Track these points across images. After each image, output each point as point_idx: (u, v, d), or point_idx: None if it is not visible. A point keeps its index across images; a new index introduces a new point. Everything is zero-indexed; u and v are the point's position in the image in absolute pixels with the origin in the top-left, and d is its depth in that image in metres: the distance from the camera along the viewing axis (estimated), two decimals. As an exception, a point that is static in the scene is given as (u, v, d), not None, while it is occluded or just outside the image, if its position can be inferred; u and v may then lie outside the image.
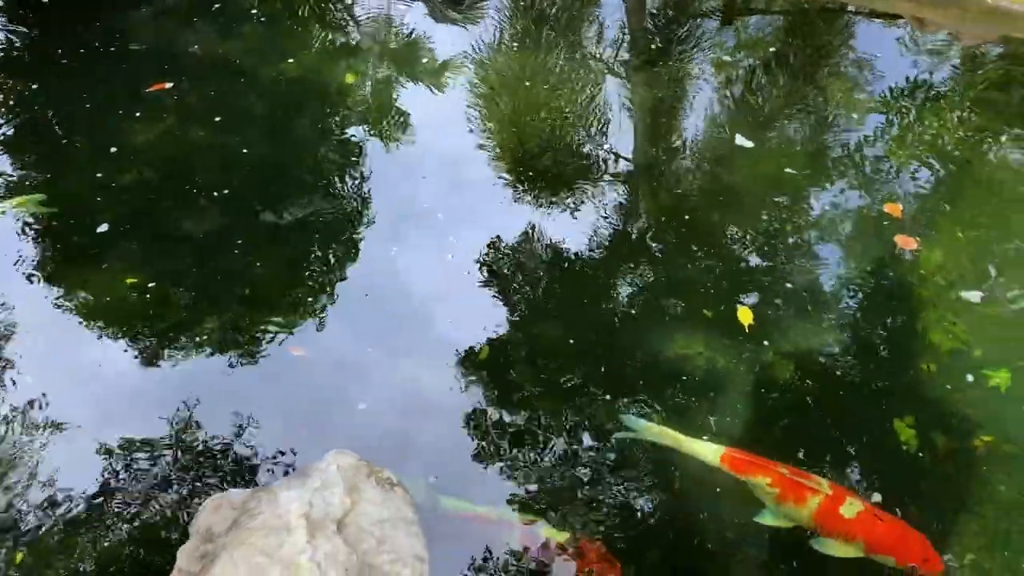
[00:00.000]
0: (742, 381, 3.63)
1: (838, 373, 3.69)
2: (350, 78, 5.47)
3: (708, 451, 3.24)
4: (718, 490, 3.23)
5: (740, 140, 4.92)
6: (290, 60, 5.52)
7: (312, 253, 4.24)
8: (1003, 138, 4.96)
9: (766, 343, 3.76)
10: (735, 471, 3.18)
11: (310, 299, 4.01)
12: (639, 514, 3.19)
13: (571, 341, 3.80)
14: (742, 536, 3.15)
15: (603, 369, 3.70)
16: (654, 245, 4.32)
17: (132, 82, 5.28)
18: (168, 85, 5.19)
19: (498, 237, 4.33)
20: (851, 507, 2.97)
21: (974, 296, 3.96)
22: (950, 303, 3.96)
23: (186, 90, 5.25)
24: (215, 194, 4.48)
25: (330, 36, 5.98)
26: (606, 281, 4.14)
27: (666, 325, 3.88)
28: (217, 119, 5.02)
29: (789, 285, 4.06)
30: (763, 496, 3.11)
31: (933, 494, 3.31)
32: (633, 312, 3.97)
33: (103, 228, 4.27)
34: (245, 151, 4.80)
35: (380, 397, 3.54)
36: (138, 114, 5.02)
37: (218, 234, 4.31)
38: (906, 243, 4.19)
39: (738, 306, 3.91)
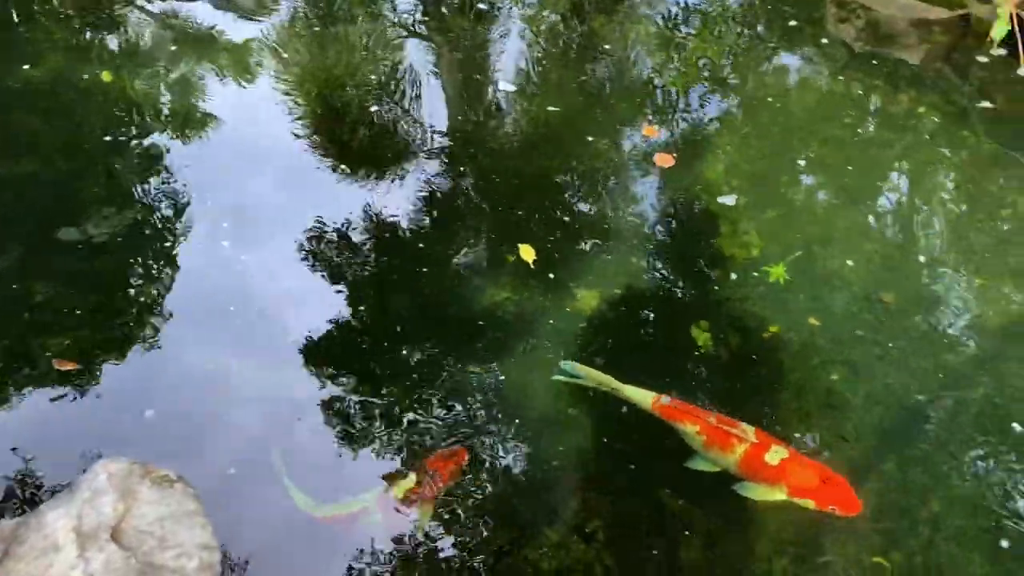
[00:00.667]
0: (545, 314, 3.74)
1: (626, 292, 3.83)
2: (106, 75, 5.02)
3: (641, 397, 3.30)
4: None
5: (503, 85, 5.00)
6: (38, 66, 5.02)
7: (120, 265, 3.93)
8: (756, 58, 5.32)
9: (551, 275, 3.85)
10: (665, 417, 3.25)
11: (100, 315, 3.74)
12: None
13: (388, 311, 3.77)
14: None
15: (418, 332, 3.69)
16: (448, 199, 4.34)
17: None
18: None
19: (319, 220, 4.13)
20: (775, 454, 3.06)
21: (729, 200, 4.24)
22: (718, 210, 4.22)
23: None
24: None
25: (96, 36, 5.53)
26: (415, 247, 4.09)
27: (470, 276, 3.93)
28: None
29: (566, 218, 4.18)
30: (692, 443, 3.19)
31: (732, 388, 3.52)
32: (439, 267, 3.97)
33: None
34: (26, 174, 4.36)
35: (173, 399, 3.36)
36: None
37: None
38: (664, 160, 4.43)
39: (519, 245, 3.97)
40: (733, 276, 3.90)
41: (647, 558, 2.92)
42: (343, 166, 4.46)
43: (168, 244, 3.98)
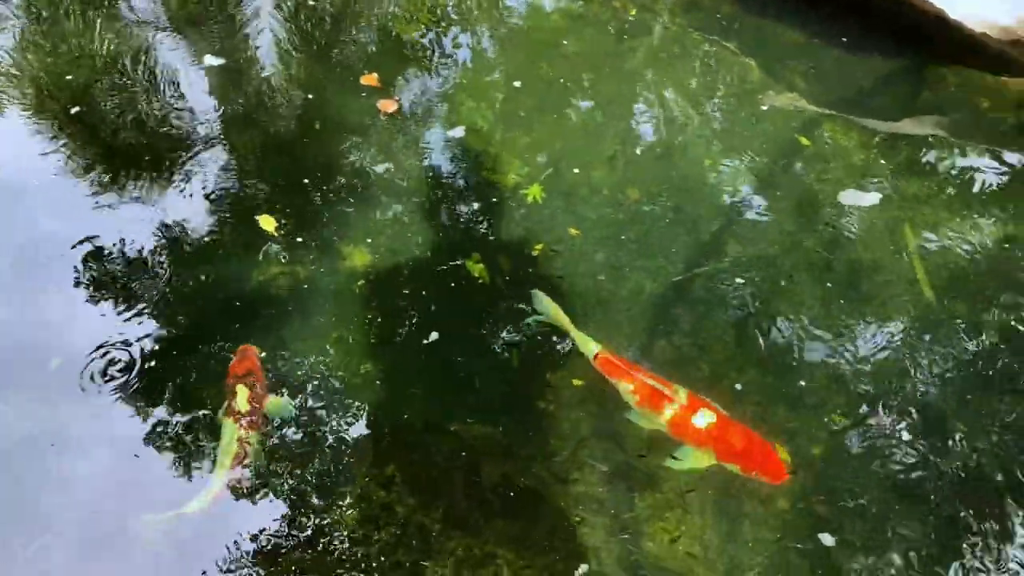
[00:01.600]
0: (318, 280, 3.73)
1: (395, 242, 3.87)
2: None
3: (587, 347, 3.39)
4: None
5: (209, 60, 4.85)
6: None
7: None
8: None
9: (313, 242, 3.83)
10: (604, 372, 3.33)
11: None
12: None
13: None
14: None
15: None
16: (189, 185, 4.16)
17: None
18: None
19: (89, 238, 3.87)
20: (703, 417, 3.15)
21: (458, 132, 4.36)
22: (464, 144, 4.33)
23: None
24: None
25: None
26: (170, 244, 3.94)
27: (229, 260, 3.82)
28: None
29: (312, 181, 4.13)
30: (627, 399, 3.27)
31: (511, 308, 3.64)
32: (200, 254, 3.82)
33: None
34: None
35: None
36: None
37: None
38: (387, 106, 4.48)
39: (258, 216, 3.92)
40: (493, 206, 4.04)
41: (446, 493, 3.02)
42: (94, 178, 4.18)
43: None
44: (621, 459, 3.19)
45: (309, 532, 2.86)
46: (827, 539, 3.00)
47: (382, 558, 2.76)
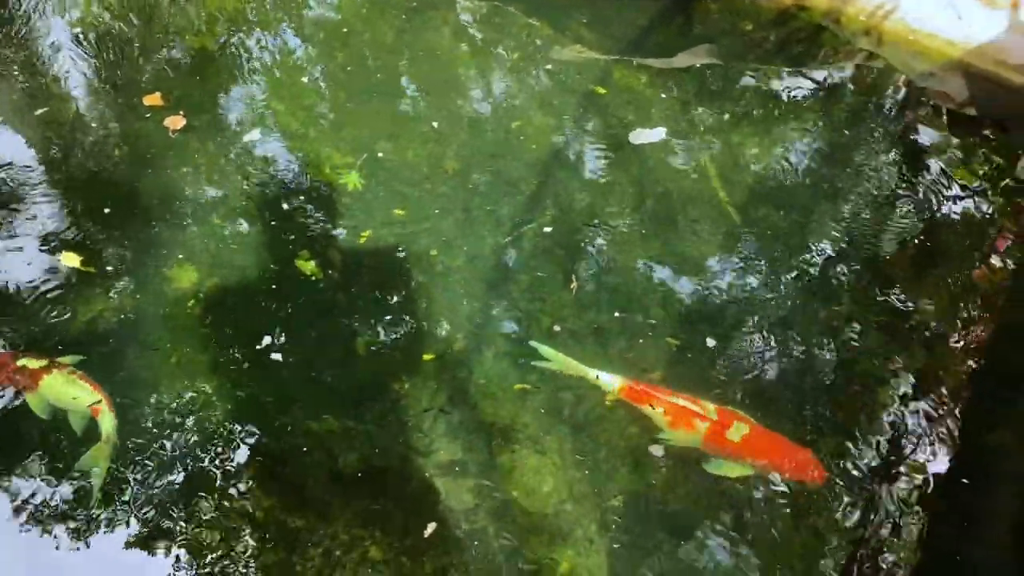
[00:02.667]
0: (146, 308, 3.62)
1: (217, 256, 3.80)
2: None
3: (608, 383, 3.37)
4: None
5: None
6: None
7: None
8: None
9: (132, 274, 3.70)
10: (632, 401, 3.33)
11: None
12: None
13: None
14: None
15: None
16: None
17: None
18: None
19: None
20: (737, 430, 3.19)
21: (254, 135, 4.30)
22: (255, 149, 4.25)
23: None
24: None
25: None
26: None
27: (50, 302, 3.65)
28: None
29: (118, 208, 3.97)
30: (659, 423, 3.27)
31: (349, 299, 3.68)
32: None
33: None
34: None
35: None
36: None
37: None
38: (175, 123, 4.33)
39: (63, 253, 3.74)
40: (313, 201, 4.03)
41: (305, 489, 3.04)
42: None
43: None
44: (479, 421, 3.30)
45: (168, 551, 2.81)
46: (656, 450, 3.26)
47: (250, 564, 2.75)
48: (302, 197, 4.05)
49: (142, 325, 3.54)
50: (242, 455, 3.09)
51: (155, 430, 3.20)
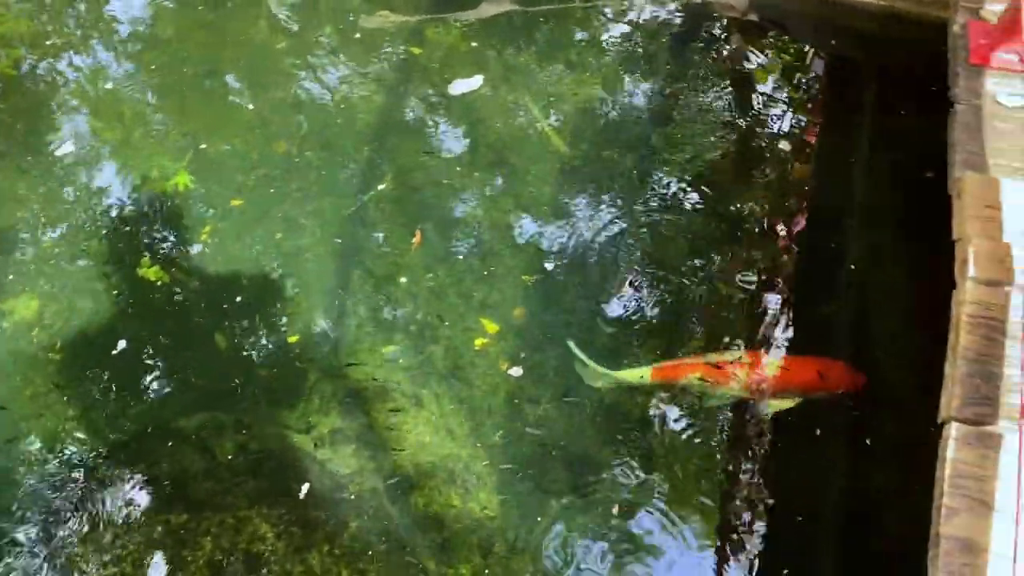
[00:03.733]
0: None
1: (51, 279, 3.67)
2: None
3: (639, 374, 3.34)
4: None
5: None
6: None
7: None
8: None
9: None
10: (669, 379, 3.33)
11: None
12: None
13: None
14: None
15: None
16: None
17: None
18: None
19: None
20: (770, 366, 3.29)
21: (69, 149, 4.11)
22: (75, 164, 4.09)
23: None
24: None
25: None
26: None
27: None
28: None
29: None
30: (702, 389, 3.29)
31: (200, 305, 3.62)
32: None
33: None
34: None
35: None
36: None
37: None
38: None
39: None
40: (145, 205, 3.93)
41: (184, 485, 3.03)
42: None
43: None
44: (351, 389, 3.35)
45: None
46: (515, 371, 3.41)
47: (138, 568, 2.72)
48: (133, 205, 3.93)
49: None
50: (115, 465, 3.03)
51: (21, 462, 3.09)
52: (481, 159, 4.12)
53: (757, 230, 3.97)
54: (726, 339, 3.51)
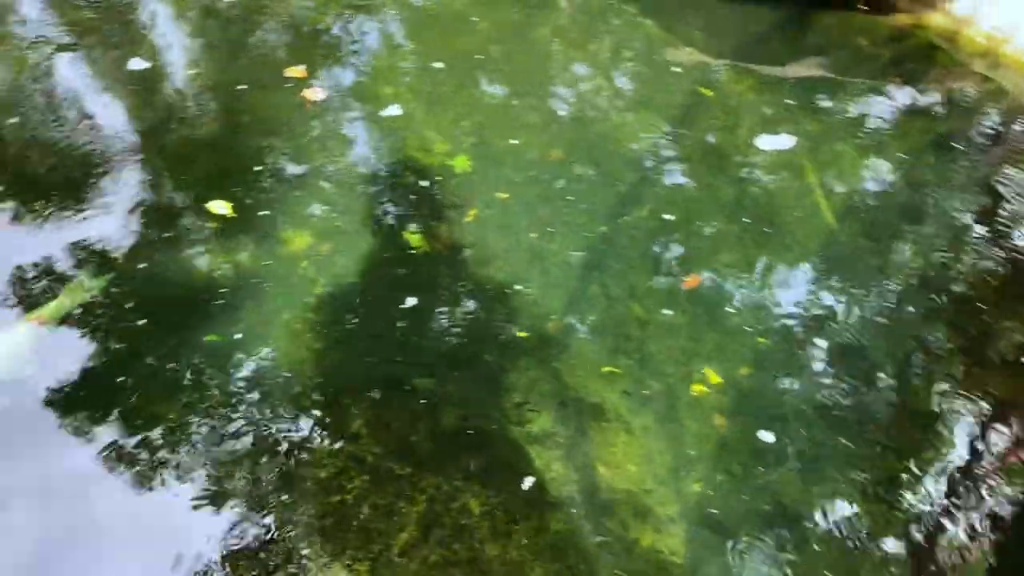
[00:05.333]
0: (262, 265, 3.85)
1: (331, 223, 4.02)
2: None
3: None
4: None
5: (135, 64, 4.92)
6: None
7: None
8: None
9: (252, 229, 3.96)
10: None
11: None
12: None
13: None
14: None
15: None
16: (134, 188, 4.26)
17: None
18: None
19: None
20: None
21: (394, 110, 4.54)
22: (385, 124, 4.50)
23: None
24: None
25: None
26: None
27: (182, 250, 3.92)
28: None
29: (271, 168, 4.27)
30: None
31: (451, 275, 3.86)
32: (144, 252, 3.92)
33: None
34: None
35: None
36: None
37: None
38: (312, 95, 4.63)
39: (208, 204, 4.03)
40: (424, 179, 4.23)
41: (410, 441, 3.23)
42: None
43: None
44: (569, 397, 3.44)
45: (286, 482, 3.03)
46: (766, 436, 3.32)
47: (360, 504, 2.95)
48: (414, 175, 4.25)
49: (256, 281, 3.78)
50: (352, 403, 3.29)
51: (272, 367, 3.43)
52: (744, 210, 4.09)
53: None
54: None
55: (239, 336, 3.55)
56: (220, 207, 4.00)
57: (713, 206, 4.14)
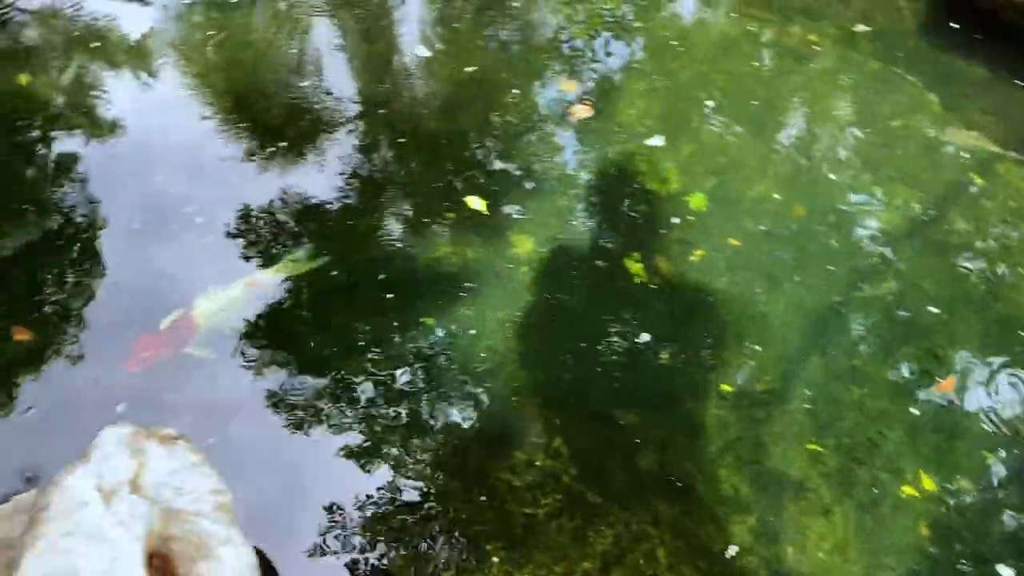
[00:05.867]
0: (486, 262, 3.97)
1: (561, 234, 4.08)
2: (23, 80, 5.04)
3: None
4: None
5: (420, 51, 5.17)
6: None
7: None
8: (654, 4, 5.60)
9: (487, 228, 4.08)
10: None
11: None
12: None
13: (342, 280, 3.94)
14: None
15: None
16: (389, 165, 4.52)
17: None
18: None
19: (246, 206, 4.24)
20: None
21: (654, 141, 4.53)
22: (637, 151, 4.51)
23: None
24: None
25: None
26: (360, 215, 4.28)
27: (416, 233, 4.12)
28: None
29: (516, 172, 4.41)
30: None
31: (669, 311, 3.82)
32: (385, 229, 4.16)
33: None
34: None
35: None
36: None
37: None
38: (582, 111, 4.69)
39: (465, 198, 4.19)
40: (657, 210, 4.20)
41: (606, 471, 3.22)
42: (263, 150, 4.55)
43: (84, 246, 4.00)
44: (768, 466, 3.31)
45: (479, 481, 3.12)
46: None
47: (550, 521, 2.98)
48: (647, 203, 4.24)
49: (479, 276, 3.91)
50: (555, 421, 3.33)
51: (479, 361, 3.54)
52: (995, 311, 3.78)
53: None
54: None
55: (454, 326, 3.68)
56: (476, 202, 4.17)
57: (959, 298, 3.86)
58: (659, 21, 5.57)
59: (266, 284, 3.83)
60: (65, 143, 4.45)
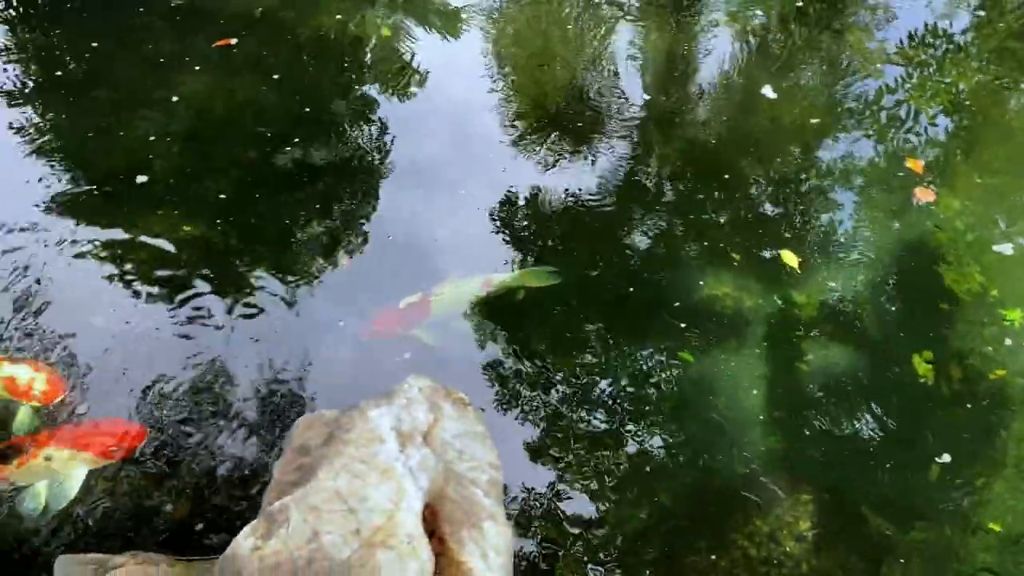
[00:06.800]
0: (763, 313, 3.87)
1: (852, 307, 3.92)
2: (386, 32, 5.57)
3: None
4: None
5: (766, 91, 5.07)
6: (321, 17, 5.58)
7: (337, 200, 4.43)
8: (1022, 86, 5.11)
9: (812, 281, 3.99)
10: None
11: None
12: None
13: (598, 282, 4.02)
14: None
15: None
16: (677, 191, 4.51)
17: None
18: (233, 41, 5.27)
19: (512, 186, 4.46)
20: None
21: (1006, 249, 4.15)
22: (967, 249, 4.16)
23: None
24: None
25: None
26: (632, 232, 4.32)
27: (694, 268, 4.08)
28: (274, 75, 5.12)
29: (839, 240, 4.27)
30: None
31: (950, 423, 3.52)
32: (662, 256, 4.17)
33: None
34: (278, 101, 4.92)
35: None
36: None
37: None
38: (924, 195, 4.39)
39: (781, 251, 4.12)
40: (965, 313, 3.87)
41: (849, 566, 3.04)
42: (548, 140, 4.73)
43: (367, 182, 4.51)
44: None
45: (717, 539, 3.08)
46: None
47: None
48: (957, 305, 3.90)
49: (751, 324, 3.81)
50: (809, 498, 3.22)
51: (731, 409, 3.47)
52: None
53: None
54: None
55: (712, 364, 3.62)
56: (790, 257, 4.09)
57: None
58: (1013, 107, 5.08)
59: (499, 287, 3.88)
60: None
